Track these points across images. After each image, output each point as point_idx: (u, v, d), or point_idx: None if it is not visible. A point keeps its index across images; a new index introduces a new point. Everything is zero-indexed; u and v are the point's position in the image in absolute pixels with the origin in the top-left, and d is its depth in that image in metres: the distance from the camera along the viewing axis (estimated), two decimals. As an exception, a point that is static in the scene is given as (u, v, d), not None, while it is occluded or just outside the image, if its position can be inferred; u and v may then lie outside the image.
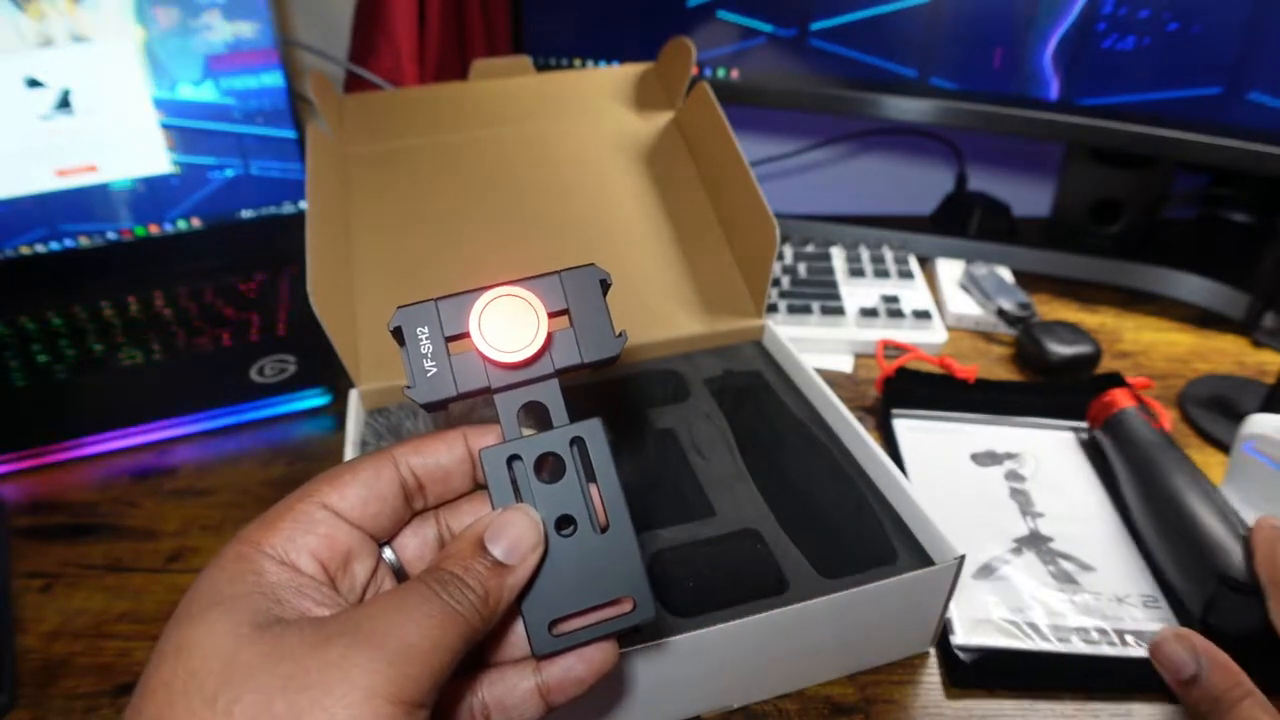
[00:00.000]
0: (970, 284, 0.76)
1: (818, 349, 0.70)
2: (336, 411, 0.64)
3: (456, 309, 0.28)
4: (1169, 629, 0.37)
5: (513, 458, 0.28)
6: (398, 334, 0.28)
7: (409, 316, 0.28)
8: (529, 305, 0.28)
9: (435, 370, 0.28)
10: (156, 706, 0.22)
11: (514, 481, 0.28)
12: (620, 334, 0.29)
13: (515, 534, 0.27)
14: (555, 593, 0.28)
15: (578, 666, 0.28)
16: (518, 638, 0.29)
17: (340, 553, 0.27)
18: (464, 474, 0.30)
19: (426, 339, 0.28)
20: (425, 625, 0.23)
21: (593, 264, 0.29)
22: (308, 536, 0.26)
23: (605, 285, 0.29)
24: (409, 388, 0.28)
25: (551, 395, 0.29)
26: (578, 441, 0.29)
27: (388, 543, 0.30)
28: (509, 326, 0.28)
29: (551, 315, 0.29)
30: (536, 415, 0.29)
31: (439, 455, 0.29)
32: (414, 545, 0.30)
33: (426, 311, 0.28)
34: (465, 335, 0.28)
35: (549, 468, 0.29)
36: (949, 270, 0.80)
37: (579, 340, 0.29)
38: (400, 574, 0.30)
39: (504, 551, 0.26)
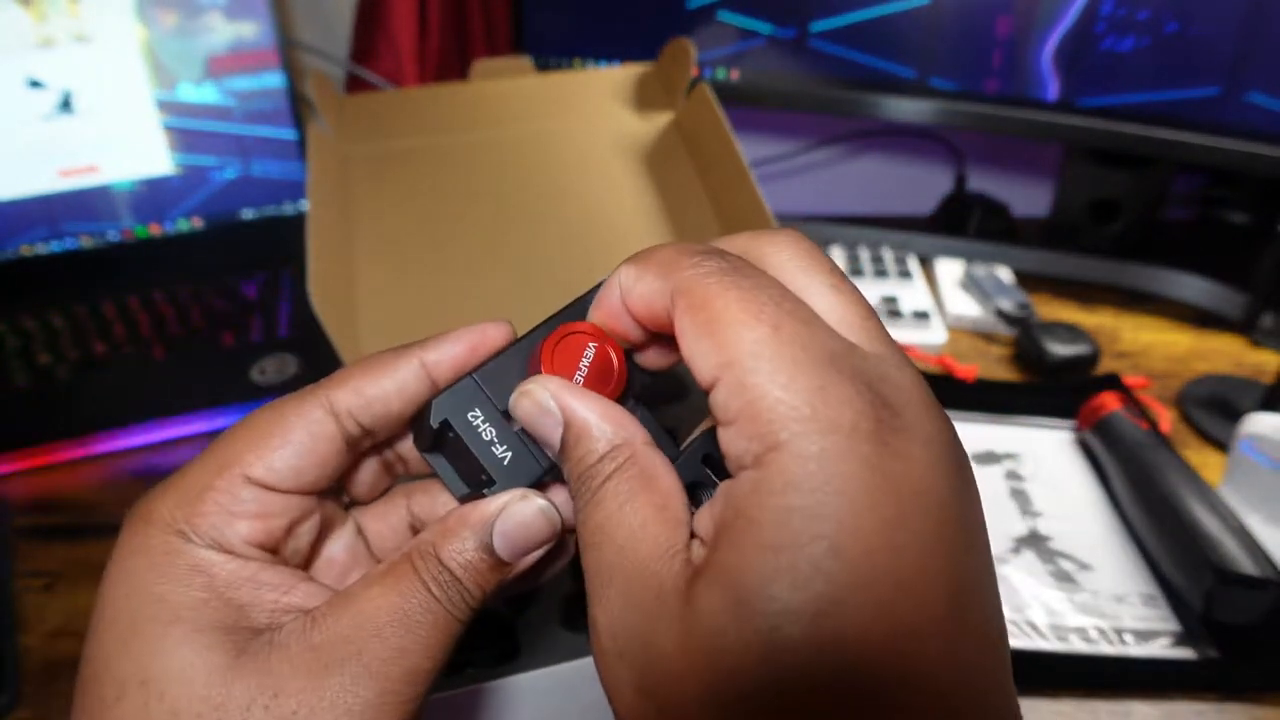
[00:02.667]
0: (969, 284, 0.76)
1: (817, 349, 0.70)
2: (337, 411, 0.64)
3: (503, 375, 0.23)
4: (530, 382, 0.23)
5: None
6: (443, 431, 0.23)
7: (453, 405, 0.23)
8: (588, 336, 0.24)
9: (510, 454, 0.23)
10: None
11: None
12: None
13: (522, 531, 0.23)
14: None
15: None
16: None
17: (279, 529, 0.23)
18: (408, 402, 0.24)
19: (484, 423, 0.23)
20: (430, 642, 0.21)
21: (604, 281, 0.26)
22: (237, 523, 0.22)
23: None
24: (487, 488, 0.23)
25: (646, 418, 0.25)
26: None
27: (338, 493, 0.26)
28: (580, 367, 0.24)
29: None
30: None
31: (388, 397, 0.24)
32: (358, 475, 0.26)
33: (468, 392, 0.23)
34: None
35: None
36: (948, 270, 0.80)
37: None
38: (343, 494, 0.26)
39: (507, 549, 0.23)
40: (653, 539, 0.19)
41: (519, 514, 0.23)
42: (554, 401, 0.22)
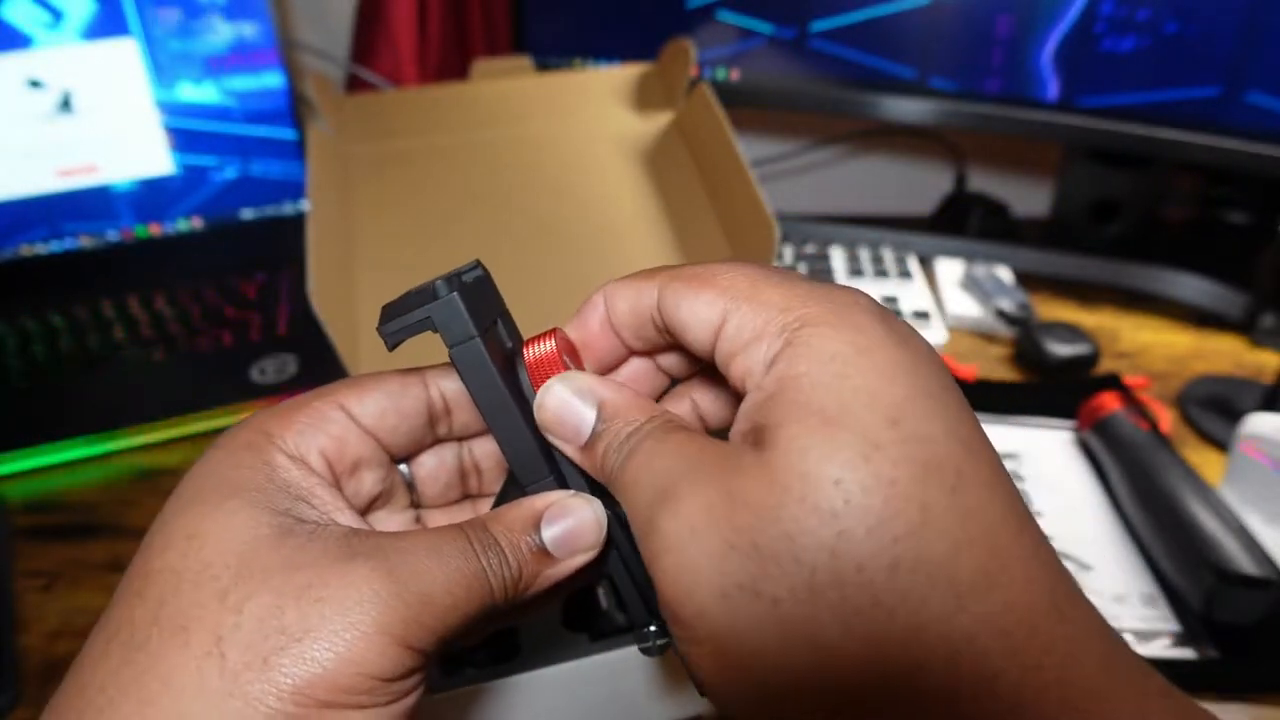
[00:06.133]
0: (969, 284, 0.76)
1: (817, 349, 0.70)
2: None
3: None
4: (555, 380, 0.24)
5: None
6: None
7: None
8: (545, 336, 0.26)
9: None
10: (160, 591, 0.21)
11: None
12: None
13: (573, 526, 0.24)
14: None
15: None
16: None
17: (350, 458, 0.25)
18: None
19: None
20: (453, 581, 0.22)
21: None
22: (318, 435, 0.24)
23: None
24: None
25: None
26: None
27: (404, 460, 0.27)
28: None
29: None
30: None
31: None
32: (431, 464, 0.28)
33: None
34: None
35: None
36: (948, 270, 0.80)
37: None
38: (413, 490, 0.28)
39: (555, 541, 0.24)
40: (704, 442, 0.21)
41: (572, 511, 0.24)
42: (587, 386, 0.24)
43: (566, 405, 0.24)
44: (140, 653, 0.20)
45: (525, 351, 0.25)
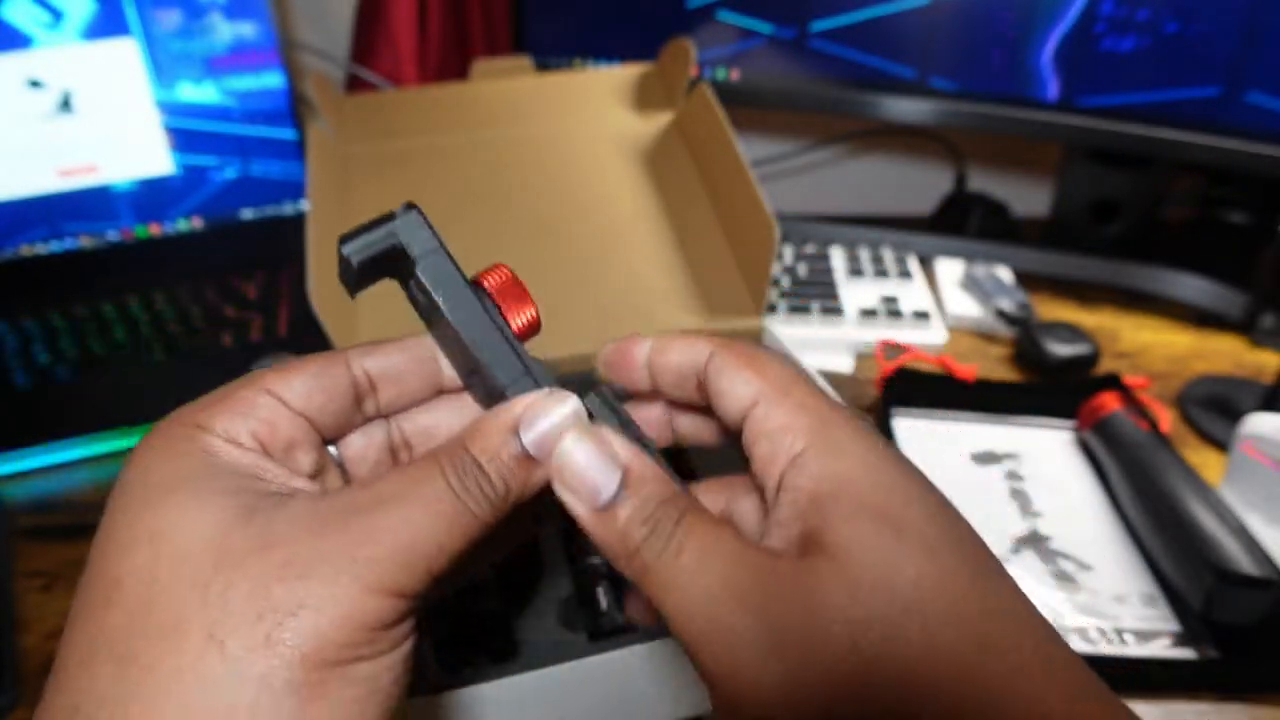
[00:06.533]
0: (969, 284, 0.76)
1: (817, 349, 0.70)
2: (337, 411, 0.64)
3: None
4: (573, 433, 0.24)
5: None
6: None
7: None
8: (496, 268, 0.28)
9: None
10: (135, 596, 0.20)
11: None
12: None
13: (554, 424, 0.23)
14: None
15: None
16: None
17: (282, 440, 0.24)
18: (423, 377, 0.27)
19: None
20: (432, 524, 0.22)
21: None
22: (248, 419, 0.24)
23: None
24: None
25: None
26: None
27: (332, 442, 0.27)
28: None
29: None
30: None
31: (394, 357, 0.27)
32: (359, 444, 0.27)
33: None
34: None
35: None
36: (948, 270, 0.80)
37: None
38: (343, 470, 0.27)
39: (536, 443, 0.23)
40: (736, 535, 0.23)
41: (551, 409, 0.24)
42: (612, 451, 0.24)
43: (592, 463, 0.23)
44: (132, 664, 0.20)
45: (484, 279, 0.27)
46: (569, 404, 0.24)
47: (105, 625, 0.20)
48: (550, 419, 0.23)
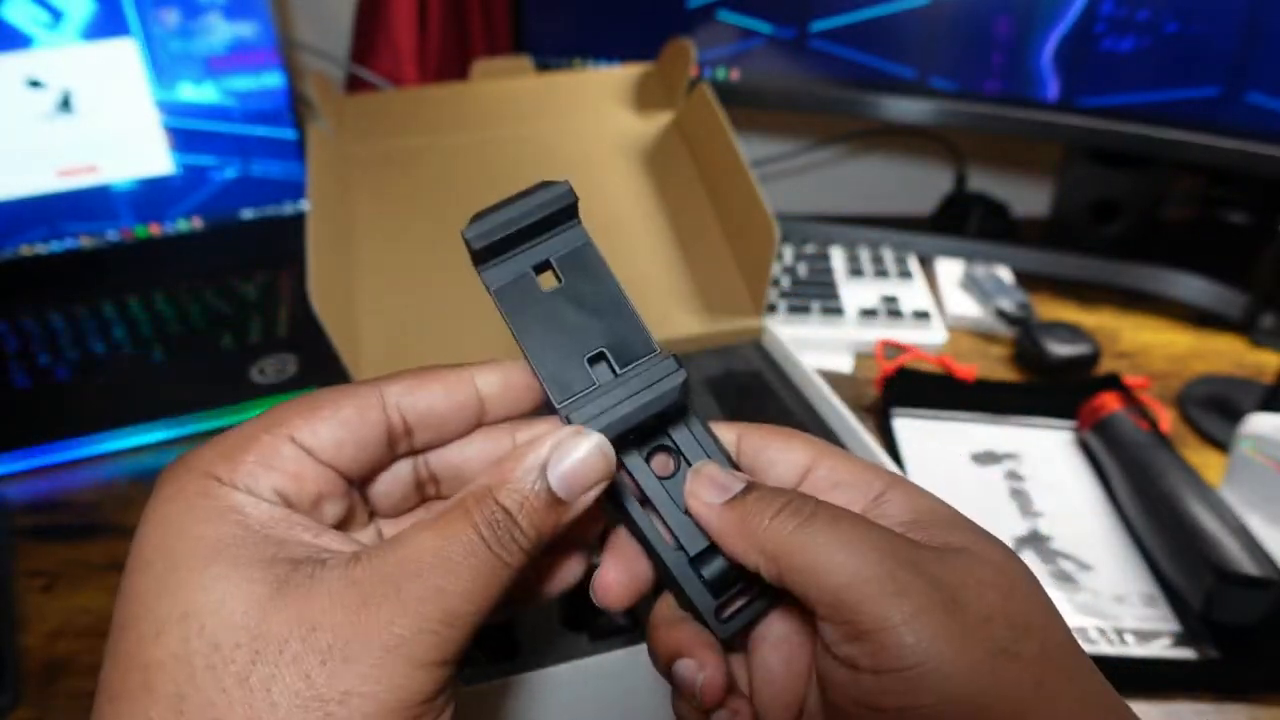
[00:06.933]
0: (969, 284, 0.76)
1: (817, 349, 0.70)
2: (337, 411, 0.64)
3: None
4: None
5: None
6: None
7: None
8: None
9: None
10: (173, 685, 0.19)
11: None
12: None
13: (579, 460, 0.23)
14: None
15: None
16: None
17: (309, 494, 0.23)
18: (462, 420, 0.26)
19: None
20: (472, 585, 0.21)
21: None
22: (271, 474, 0.22)
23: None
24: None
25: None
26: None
27: (359, 484, 0.26)
28: None
29: None
30: None
31: (435, 398, 0.25)
32: (385, 480, 0.26)
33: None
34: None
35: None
36: (948, 270, 0.80)
37: None
38: (369, 508, 0.26)
39: (562, 482, 0.23)
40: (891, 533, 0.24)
41: (575, 448, 0.23)
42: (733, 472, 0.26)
43: (719, 471, 0.25)
44: None
45: None
46: (591, 439, 0.23)
47: (149, 715, 0.19)
48: (573, 458, 0.23)
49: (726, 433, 0.27)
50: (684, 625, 0.26)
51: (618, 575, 0.26)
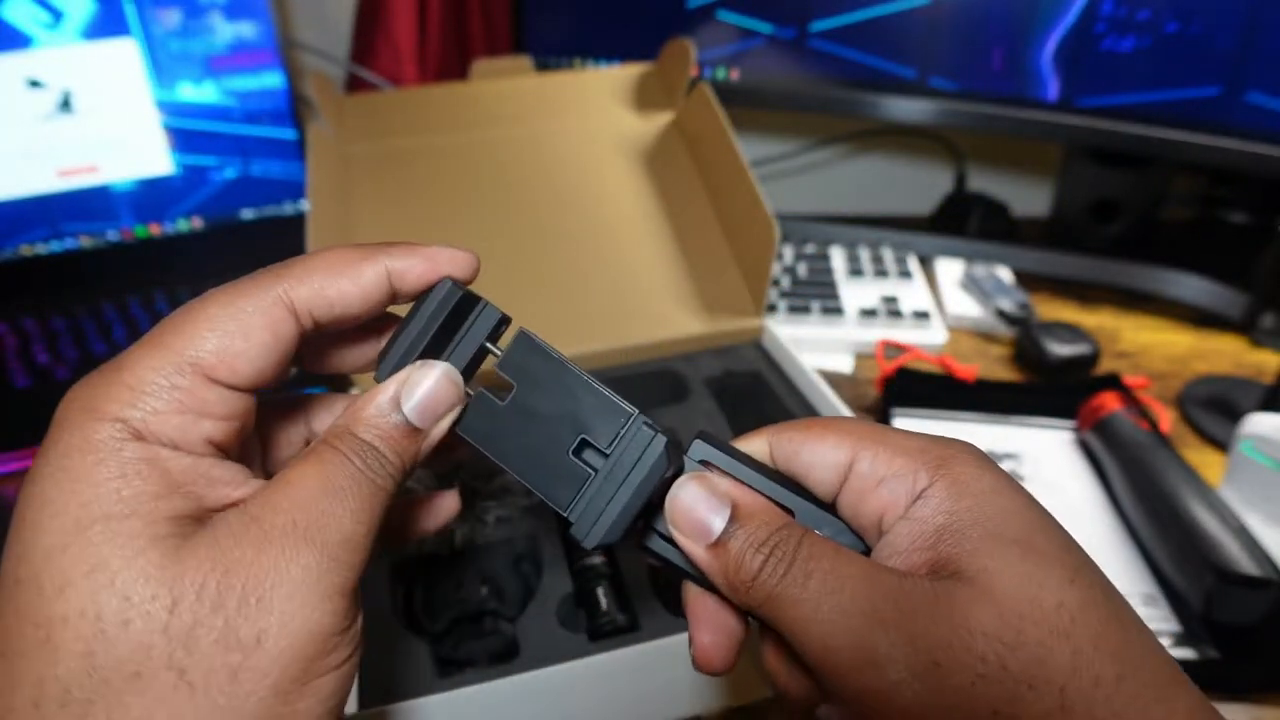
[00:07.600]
0: (969, 284, 0.76)
1: (817, 349, 0.70)
2: (337, 411, 0.64)
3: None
4: (682, 478, 0.25)
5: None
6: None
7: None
8: None
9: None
10: (83, 640, 0.19)
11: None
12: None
13: (429, 391, 0.24)
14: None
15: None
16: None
17: (234, 431, 0.23)
18: (371, 308, 0.25)
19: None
20: (359, 511, 0.22)
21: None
22: (203, 423, 0.22)
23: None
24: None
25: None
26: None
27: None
28: None
29: None
30: None
31: (349, 301, 0.24)
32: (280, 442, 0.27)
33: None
34: None
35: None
36: (948, 270, 0.80)
37: None
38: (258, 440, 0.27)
39: (417, 413, 0.24)
40: (861, 556, 0.23)
41: (423, 379, 0.24)
42: (722, 489, 0.24)
43: (699, 501, 0.24)
44: (96, 713, 0.19)
45: None
46: (437, 368, 0.24)
47: (53, 673, 0.19)
48: (422, 388, 0.24)
49: (756, 442, 0.26)
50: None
51: (713, 638, 0.25)
